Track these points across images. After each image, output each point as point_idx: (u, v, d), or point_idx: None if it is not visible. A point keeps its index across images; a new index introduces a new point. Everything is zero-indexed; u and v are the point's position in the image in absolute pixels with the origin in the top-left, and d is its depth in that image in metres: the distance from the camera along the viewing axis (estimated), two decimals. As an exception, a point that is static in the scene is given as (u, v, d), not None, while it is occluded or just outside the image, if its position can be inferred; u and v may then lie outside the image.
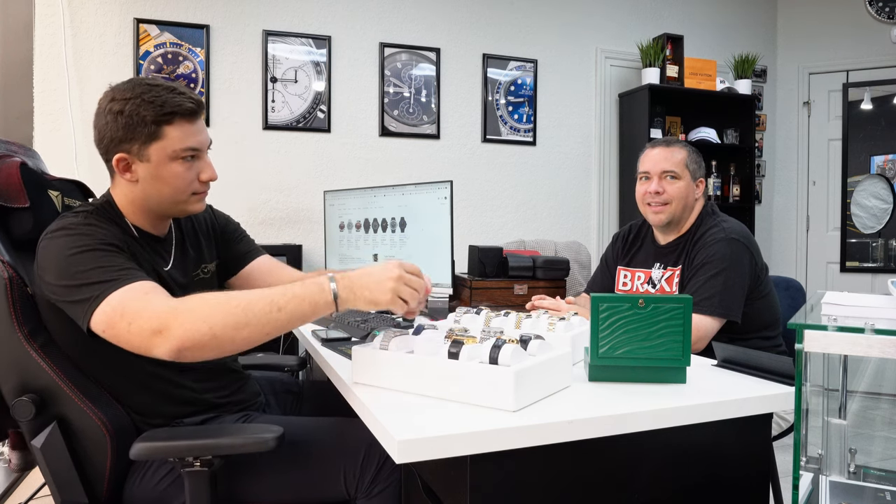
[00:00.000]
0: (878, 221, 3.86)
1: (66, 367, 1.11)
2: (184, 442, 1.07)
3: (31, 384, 1.08)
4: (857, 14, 4.12)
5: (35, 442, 1.08)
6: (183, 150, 1.13)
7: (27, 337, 1.07)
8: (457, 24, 3.54)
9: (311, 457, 1.18)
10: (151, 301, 0.98)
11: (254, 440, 1.06)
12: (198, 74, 3.06)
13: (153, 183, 1.14)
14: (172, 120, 1.11)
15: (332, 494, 1.17)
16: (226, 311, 0.97)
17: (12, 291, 1.06)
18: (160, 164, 1.13)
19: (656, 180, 1.77)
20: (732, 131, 3.96)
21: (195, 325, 0.95)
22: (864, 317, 0.86)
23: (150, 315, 0.96)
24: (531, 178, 3.72)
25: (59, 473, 1.10)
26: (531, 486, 0.88)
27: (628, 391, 1.04)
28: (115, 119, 1.10)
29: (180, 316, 0.96)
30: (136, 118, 1.09)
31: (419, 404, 0.95)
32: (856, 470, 1.06)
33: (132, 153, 1.12)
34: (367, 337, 1.52)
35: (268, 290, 1.01)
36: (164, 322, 0.95)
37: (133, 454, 1.04)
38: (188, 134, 1.13)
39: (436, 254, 2.06)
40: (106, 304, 0.99)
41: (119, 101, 1.10)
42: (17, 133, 2.81)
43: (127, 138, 1.11)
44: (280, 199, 3.22)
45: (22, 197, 1.18)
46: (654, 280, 1.79)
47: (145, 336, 0.96)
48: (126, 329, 0.97)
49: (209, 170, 1.19)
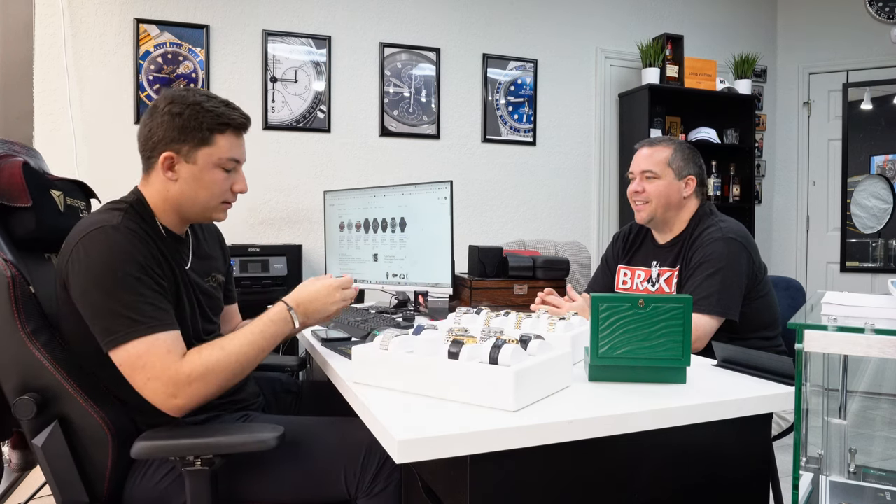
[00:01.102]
0: (878, 221, 3.86)
1: (69, 367, 1.11)
2: (185, 441, 1.07)
3: (33, 383, 1.08)
4: (857, 14, 4.12)
5: (36, 441, 1.08)
6: (227, 160, 1.22)
7: (29, 336, 1.07)
8: (457, 24, 3.54)
9: (312, 456, 1.18)
10: (171, 364, 1.06)
11: (255, 440, 1.06)
12: (198, 74, 3.06)
13: (193, 185, 1.21)
14: (225, 130, 1.21)
15: (333, 494, 1.17)
16: (230, 371, 1.12)
17: (15, 290, 1.06)
18: (204, 169, 1.20)
19: (638, 179, 1.79)
20: (732, 131, 3.96)
21: (207, 390, 1.09)
22: (864, 317, 0.86)
23: (168, 380, 1.05)
24: (531, 178, 3.72)
25: (60, 472, 1.10)
26: (531, 486, 0.88)
27: (628, 391, 1.04)
28: (172, 119, 1.17)
29: (194, 384, 1.07)
30: (194, 122, 1.17)
31: (419, 404, 0.95)
32: (856, 470, 1.06)
33: (181, 153, 1.19)
34: (367, 337, 1.52)
35: (249, 333, 1.16)
36: (180, 391, 1.06)
37: (134, 453, 1.05)
38: (234, 146, 1.23)
39: (436, 254, 2.06)
40: (131, 347, 1.05)
41: (179, 104, 1.18)
42: (17, 133, 2.81)
43: (179, 139, 1.18)
44: (280, 199, 3.22)
45: (24, 196, 1.18)
46: (653, 279, 1.80)
47: (160, 397, 1.06)
48: (143, 383, 1.06)
49: (242, 182, 1.28)
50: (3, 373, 1.09)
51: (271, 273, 2.74)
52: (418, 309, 2.10)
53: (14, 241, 1.19)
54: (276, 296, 2.97)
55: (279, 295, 1.28)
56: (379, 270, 2.25)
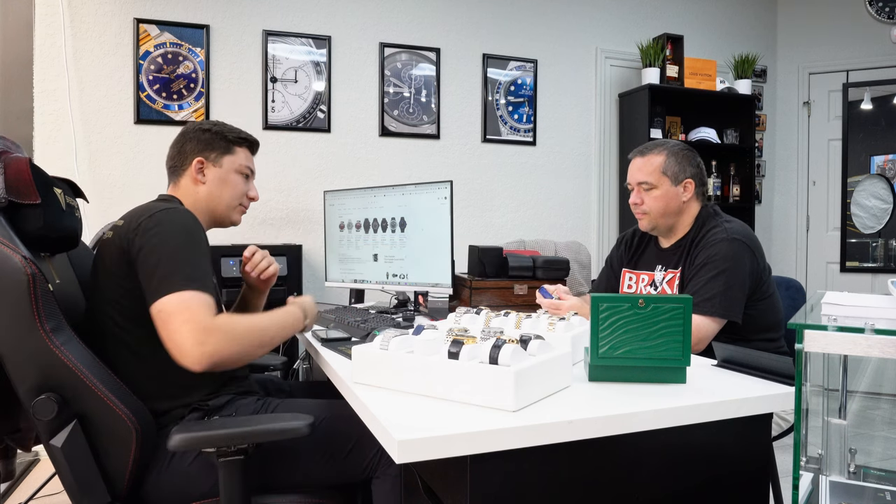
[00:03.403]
0: (878, 221, 3.86)
1: (90, 364, 1.10)
2: (222, 431, 1.09)
3: (52, 382, 1.07)
4: (857, 14, 4.12)
5: (55, 441, 1.06)
6: (245, 167, 1.51)
7: (48, 334, 1.06)
8: (457, 24, 3.54)
9: (336, 439, 1.24)
10: (208, 315, 1.16)
11: (289, 427, 1.10)
12: (198, 74, 3.06)
13: (219, 185, 1.46)
14: (243, 144, 1.51)
15: (353, 475, 1.23)
16: (253, 338, 1.22)
17: (35, 288, 1.04)
18: (228, 172, 1.47)
19: (636, 190, 1.79)
20: (732, 131, 3.96)
21: (230, 347, 1.16)
22: (864, 317, 0.86)
23: (202, 328, 1.13)
24: (531, 178, 3.72)
25: (80, 472, 1.08)
26: (531, 486, 0.88)
27: (628, 391, 1.04)
28: (202, 134, 1.46)
29: (221, 336, 1.15)
30: (220, 136, 1.47)
31: (419, 404, 0.95)
32: (856, 470, 1.06)
33: (210, 159, 1.45)
34: (367, 337, 1.52)
35: (272, 317, 1.32)
36: (209, 338, 1.13)
37: (172, 445, 1.05)
38: (249, 159, 1.53)
39: (436, 254, 2.06)
40: (182, 296, 1.14)
41: (207, 125, 1.49)
42: (17, 133, 2.81)
43: (209, 148, 1.46)
44: (280, 199, 3.22)
45: (33, 193, 1.18)
46: (655, 283, 1.79)
47: (189, 341, 1.11)
48: (179, 325, 1.12)
49: (255, 191, 1.57)
50: (19, 373, 1.07)
51: (271, 273, 2.74)
52: (418, 309, 2.10)
53: (24, 238, 1.18)
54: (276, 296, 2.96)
55: (279, 295, 1.31)
56: (379, 270, 2.25)
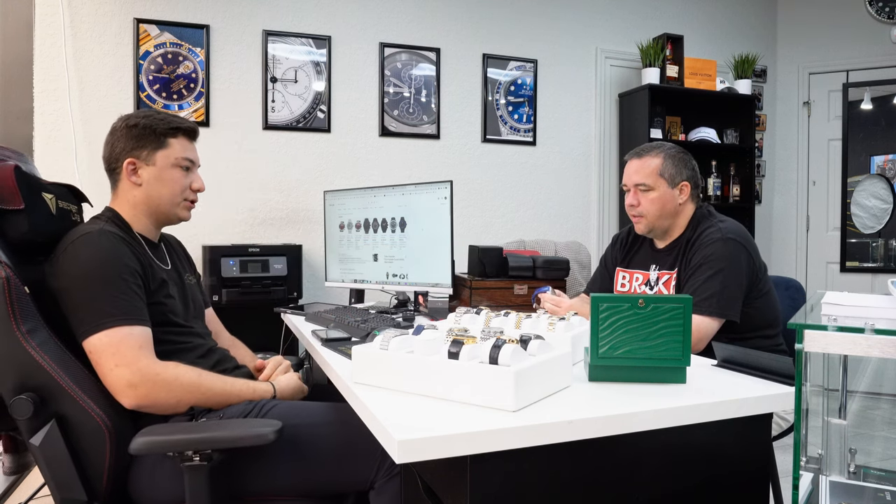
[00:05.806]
0: (878, 221, 3.85)
1: (66, 365, 1.12)
2: (182, 436, 1.08)
3: (30, 382, 1.09)
4: (857, 14, 4.12)
5: (33, 440, 1.09)
6: (182, 159, 1.39)
7: (25, 335, 1.08)
8: (457, 24, 3.54)
9: (330, 446, 1.21)
10: (143, 358, 1.16)
11: (253, 434, 1.07)
12: (198, 74, 3.06)
13: (155, 184, 1.37)
14: (176, 134, 1.39)
15: (345, 483, 1.21)
16: (193, 395, 1.21)
17: (10, 291, 1.07)
18: (163, 169, 1.37)
19: (632, 192, 1.79)
20: (732, 131, 3.96)
21: (165, 397, 1.17)
22: (864, 317, 0.86)
23: (136, 370, 1.14)
24: (531, 178, 3.72)
25: (58, 471, 1.10)
26: (531, 486, 0.88)
27: (628, 391, 1.04)
28: (129, 131, 1.35)
29: (158, 384, 1.16)
30: (149, 130, 1.35)
31: (419, 404, 0.95)
32: (856, 470, 1.06)
33: (141, 158, 1.35)
34: (367, 337, 1.52)
35: (229, 382, 1.28)
36: (143, 382, 1.15)
37: (133, 448, 1.06)
38: (187, 148, 1.41)
39: (436, 254, 2.06)
40: (105, 335, 1.15)
41: (133, 118, 1.36)
42: (17, 133, 2.81)
43: (139, 146, 1.35)
44: (280, 199, 3.22)
45: (17, 199, 1.20)
46: (651, 282, 1.80)
47: (121, 383, 1.14)
48: (109, 368, 1.14)
49: (199, 181, 1.45)
50: None
51: (271, 273, 2.74)
52: (418, 309, 2.10)
53: (7, 243, 1.19)
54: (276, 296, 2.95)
55: (279, 295, 1.32)
56: (379, 270, 2.25)
